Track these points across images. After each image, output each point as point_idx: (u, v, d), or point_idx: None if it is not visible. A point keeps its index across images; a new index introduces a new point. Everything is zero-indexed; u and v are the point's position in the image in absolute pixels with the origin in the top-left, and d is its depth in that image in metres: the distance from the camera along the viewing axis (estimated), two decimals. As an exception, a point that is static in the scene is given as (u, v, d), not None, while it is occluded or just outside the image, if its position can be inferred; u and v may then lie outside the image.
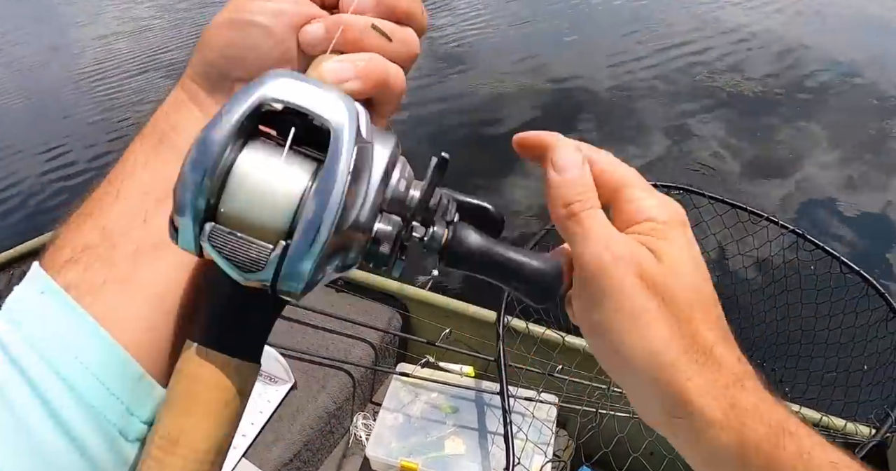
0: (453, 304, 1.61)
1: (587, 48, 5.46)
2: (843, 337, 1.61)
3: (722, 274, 2.01)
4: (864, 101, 4.63)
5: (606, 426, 1.30)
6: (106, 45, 6.87)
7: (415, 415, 1.49)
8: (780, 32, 5.80)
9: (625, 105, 4.56)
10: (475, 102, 4.55)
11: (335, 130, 0.24)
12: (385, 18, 0.31)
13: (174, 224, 0.25)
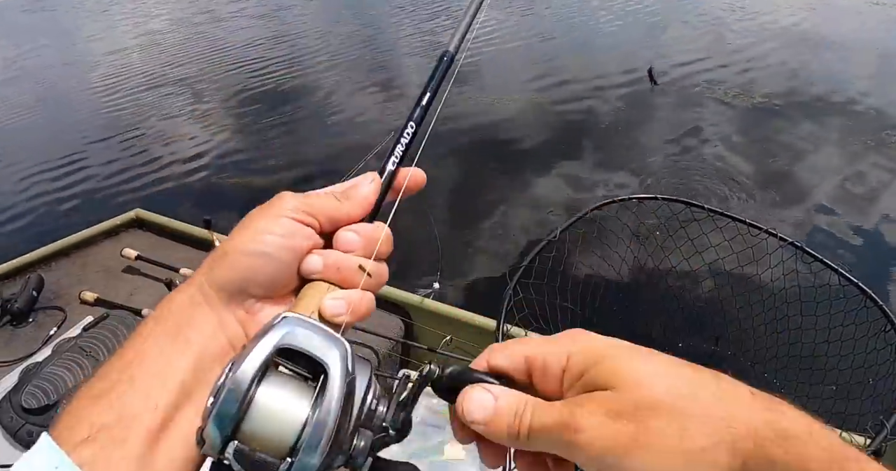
0: (454, 312, 1.64)
1: (595, 66, 5.52)
2: (842, 349, 1.63)
3: (721, 286, 2.03)
4: (863, 115, 4.67)
5: None
6: (118, 59, 6.99)
7: (415, 420, 1.51)
8: (782, 50, 5.85)
9: (628, 122, 4.60)
10: (485, 120, 4.61)
11: (331, 374, 0.32)
12: (367, 255, 0.39)
13: (202, 434, 0.32)
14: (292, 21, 7.87)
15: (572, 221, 1.76)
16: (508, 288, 1.54)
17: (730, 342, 2.17)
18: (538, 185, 3.80)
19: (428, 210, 3.17)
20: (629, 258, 1.90)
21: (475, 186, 3.77)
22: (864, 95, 4.93)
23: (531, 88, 5.12)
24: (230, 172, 4.20)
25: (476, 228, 3.41)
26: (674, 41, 6.18)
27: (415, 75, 5.50)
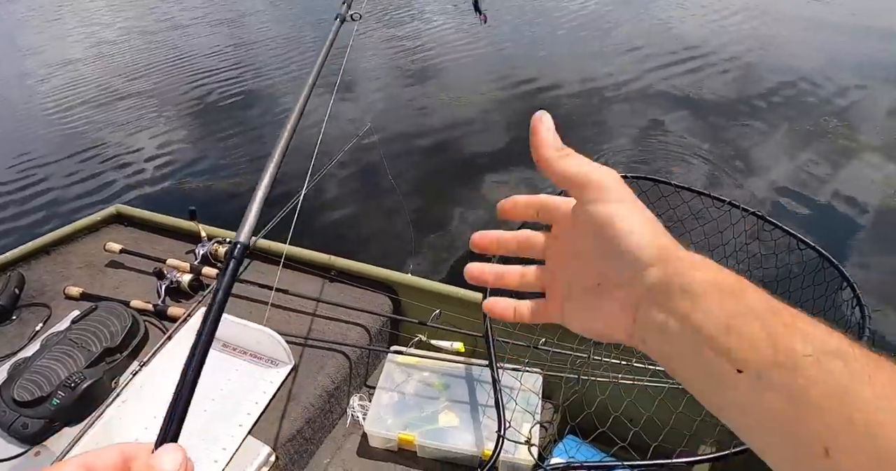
0: (441, 287, 1.70)
1: (559, 63, 5.67)
2: (803, 309, 1.74)
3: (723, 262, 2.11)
4: (810, 102, 4.97)
5: (589, 391, 1.40)
6: (70, 71, 6.80)
7: (409, 393, 1.57)
8: (737, 43, 6.13)
9: (597, 111, 4.78)
10: (447, 118, 4.71)
11: None
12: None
13: None
14: (255, 27, 7.84)
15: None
16: (492, 262, 1.61)
17: None
18: (507, 170, 3.93)
19: (399, 194, 3.27)
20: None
21: (443, 182, 3.87)
22: (803, 85, 5.25)
23: (493, 88, 5.23)
24: (195, 178, 4.19)
25: (450, 212, 3.52)
26: (626, 40, 6.39)
27: (373, 82, 5.55)
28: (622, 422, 1.32)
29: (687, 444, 1.25)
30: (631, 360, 1.46)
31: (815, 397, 0.27)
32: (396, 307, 1.77)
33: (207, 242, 1.85)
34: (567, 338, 1.52)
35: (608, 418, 1.31)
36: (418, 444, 1.46)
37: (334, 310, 1.71)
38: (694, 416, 1.37)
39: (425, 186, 3.80)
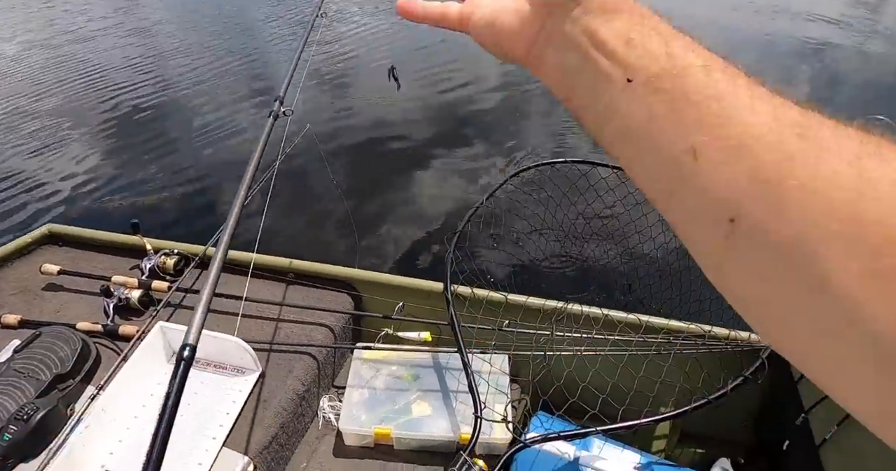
0: (401, 280, 1.72)
1: (473, 63, 5.77)
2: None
3: (629, 235, 2.22)
4: None
5: (555, 366, 1.45)
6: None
7: (379, 388, 1.58)
8: None
9: (519, 105, 4.91)
10: (372, 118, 4.71)
11: None
12: None
13: None
14: (167, 36, 7.53)
15: (497, 187, 1.90)
16: (449, 252, 1.64)
17: (639, 287, 2.42)
18: (441, 160, 3.99)
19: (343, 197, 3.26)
20: (549, 218, 2.06)
21: (376, 178, 3.89)
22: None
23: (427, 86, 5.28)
24: (124, 193, 4.01)
25: (391, 207, 3.55)
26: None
27: (308, 88, 5.47)
28: (590, 391, 1.39)
29: (650, 405, 1.32)
30: (591, 332, 1.53)
31: (694, 99, 0.28)
32: (359, 304, 1.77)
33: (154, 256, 1.79)
34: (530, 318, 1.57)
35: (576, 390, 1.37)
36: (395, 436, 1.47)
37: (297, 312, 1.69)
38: (654, 378, 1.45)
39: (366, 183, 3.80)
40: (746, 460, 1.61)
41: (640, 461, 1.42)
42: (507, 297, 1.61)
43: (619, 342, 1.51)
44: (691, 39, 0.31)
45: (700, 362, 1.50)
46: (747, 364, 1.40)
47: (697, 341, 1.55)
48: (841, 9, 8.02)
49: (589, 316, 1.61)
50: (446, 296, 1.52)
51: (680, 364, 1.49)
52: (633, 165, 0.32)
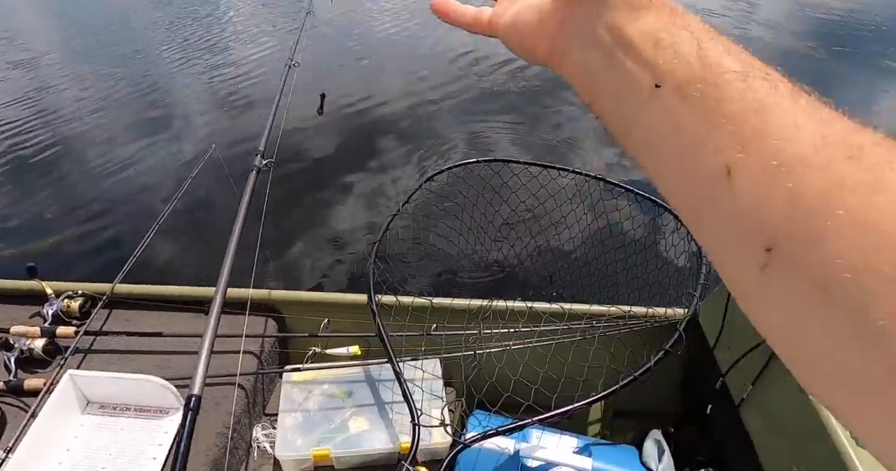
0: (324, 296, 1.69)
1: (381, 75, 5.78)
2: (649, 251, 1.96)
3: (545, 228, 2.28)
4: None
5: (486, 364, 1.47)
6: None
7: (313, 409, 1.54)
8: None
9: (424, 118, 4.95)
10: (288, 139, 4.61)
11: None
12: None
13: None
14: (55, 68, 7.09)
15: (412, 193, 1.90)
16: (370, 263, 1.63)
17: (560, 277, 2.49)
18: (355, 176, 3.96)
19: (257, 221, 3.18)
20: (467, 218, 2.08)
21: (304, 192, 3.82)
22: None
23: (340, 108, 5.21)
24: (14, 238, 3.74)
25: (305, 227, 3.49)
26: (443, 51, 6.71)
27: (179, 108, 5.29)
28: (522, 384, 1.41)
29: (581, 389, 1.36)
30: (518, 326, 1.55)
31: (729, 111, 0.25)
32: (284, 326, 1.72)
33: (56, 300, 1.68)
34: (457, 319, 1.58)
35: (509, 385, 1.39)
36: (334, 456, 1.45)
37: (218, 342, 1.62)
38: (582, 363, 1.49)
39: (281, 204, 3.70)
40: (676, 428, 1.68)
41: (578, 445, 1.45)
42: (433, 301, 1.61)
43: (545, 333, 1.55)
44: (728, 40, 0.28)
45: (623, 341, 1.56)
46: (667, 338, 1.46)
47: (619, 322, 1.61)
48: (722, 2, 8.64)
49: (514, 310, 1.64)
50: (371, 307, 1.51)
51: (605, 346, 1.54)
52: (660, 179, 0.29)
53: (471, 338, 1.52)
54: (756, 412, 1.32)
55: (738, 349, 1.38)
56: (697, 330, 1.57)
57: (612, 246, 2.25)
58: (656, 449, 1.45)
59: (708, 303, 1.56)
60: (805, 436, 1.15)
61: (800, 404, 1.18)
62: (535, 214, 2.16)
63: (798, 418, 1.18)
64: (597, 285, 2.02)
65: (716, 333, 1.49)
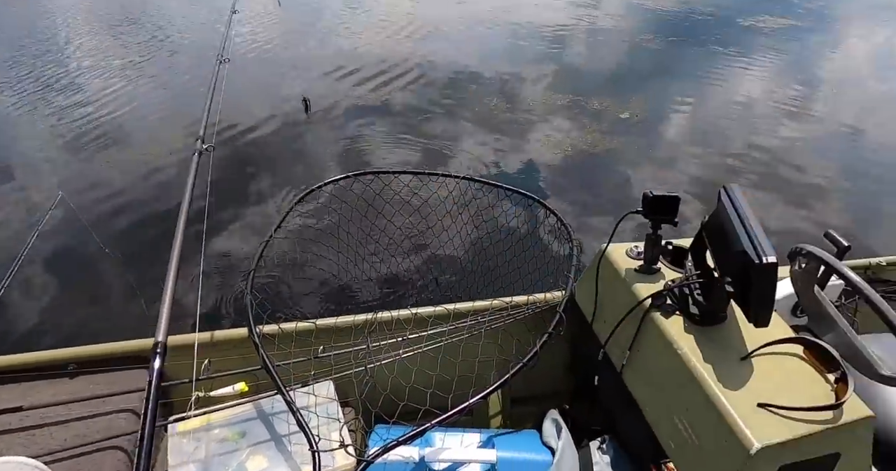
0: (202, 336, 1.60)
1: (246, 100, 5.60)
2: (526, 242, 2.04)
3: (422, 232, 2.30)
4: (484, 88, 5.85)
5: (379, 377, 1.46)
6: None
7: (206, 457, 1.46)
8: (412, 53, 6.86)
9: (301, 136, 4.87)
10: (140, 173, 4.33)
11: None
12: None
13: None
14: None
15: (283, 218, 1.86)
16: (247, 294, 1.57)
17: (446, 280, 2.55)
18: (239, 210, 3.80)
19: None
20: (344, 235, 2.07)
21: (155, 230, 3.59)
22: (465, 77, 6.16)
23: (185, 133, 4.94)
24: None
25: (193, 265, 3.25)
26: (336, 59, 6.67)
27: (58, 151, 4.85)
28: (418, 391, 1.42)
29: (475, 385, 1.39)
30: (406, 334, 1.56)
31: None
32: (162, 375, 1.61)
33: None
34: (344, 337, 1.56)
35: (405, 393, 1.39)
36: (236, 501, 1.37)
37: (91, 405, 1.50)
38: (473, 359, 1.53)
39: (146, 246, 3.44)
40: (571, 404, 1.76)
41: (481, 439, 1.48)
42: (317, 323, 1.58)
43: (433, 336, 1.56)
44: None
45: (509, 331, 1.61)
46: (549, 321, 1.53)
47: (503, 314, 1.66)
48: (569, 12, 9.26)
49: (401, 319, 1.65)
50: (253, 340, 1.46)
51: (493, 339, 1.59)
52: None
53: (360, 353, 1.51)
54: (635, 375, 1.41)
55: (612, 320, 1.47)
56: (576, 309, 1.65)
57: (490, 241, 2.32)
58: (554, 428, 1.51)
59: (582, 282, 1.65)
60: (679, 386, 1.24)
61: (669, 357, 1.28)
62: (412, 221, 2.19)
63: (670, 371, 1.27)
64: (480, 282, 2.08)
65: (591, 309, 1.58)
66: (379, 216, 2.12)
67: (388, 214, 2.13)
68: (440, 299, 1.89)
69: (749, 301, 1.18)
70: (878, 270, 2.20)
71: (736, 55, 7.60)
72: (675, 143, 5.07)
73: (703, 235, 1.39)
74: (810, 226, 3.96)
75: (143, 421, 1.51)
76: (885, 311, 1.16)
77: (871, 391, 1.39)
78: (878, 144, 5.43)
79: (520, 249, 2.04)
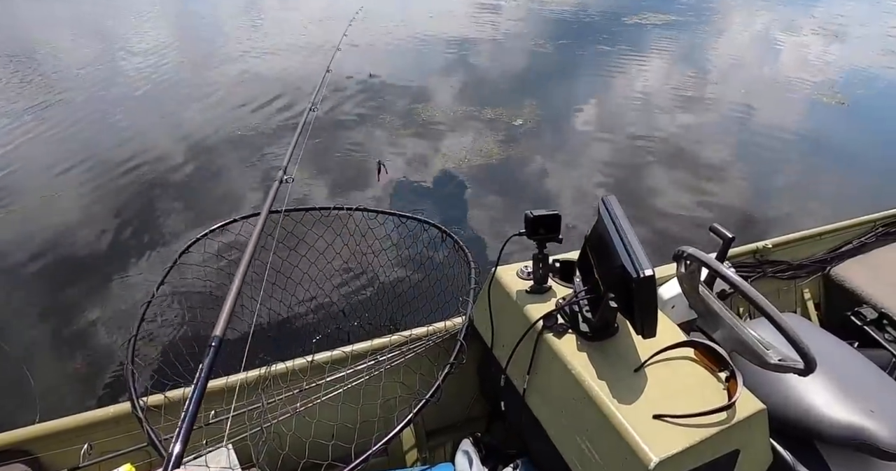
0: (81, 418, 1.48)
1: (149, 130, 5.31)
2: (425, 268, 2.02)
3: (323, 269, 2.21)
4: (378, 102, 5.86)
5: (279, 433, 1.40)
6: None
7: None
8: (312, 74, 6.72)
9: (210, 167, 4.64)
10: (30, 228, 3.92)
11: None
12: None
13: None
14: None
15: (166, 273, 1.78)
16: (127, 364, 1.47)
17: (344, 320, 2.46)
18: (125, 265, 3.49)
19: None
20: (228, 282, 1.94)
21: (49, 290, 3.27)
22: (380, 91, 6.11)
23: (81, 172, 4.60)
24: None
25: (72, 326, 2.96)
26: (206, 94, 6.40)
27: None
28: (319, 444, 1.36)
29: (381, 427, 1.34)
30: (301, 384, 1.50)
31: None
32: (38, 467, 1.47)
33: None
34: (233, 398, 1.48)
35: (305, 448, 1.33)
36: None
37: None
38: (376, 401, 1.48)
39: (28, 309, 3.10)
40: (486, 430, 1.75)
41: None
42: (195, 388, 1.49)
43: (331, 382, 1.51)
44: None
45: (411, 366, 1.58)
46: (451, 351, 1.51)
47: (403, 349, 1.63)
48: (461, 22, 9.41)
49: (296, 369, 1.58)
50: (136, 415, 1.35)
51: (395, 377, 1.55)
52: None
53: (255, 413, 1.43)
54: (537, 397, 1.41)
55: (509, 344, 1.47)
56: (477, 333, 1.64)
57: (389, 273, 2.29)
58: (466, 460, 1.49)
59: (477, 308, 1.65)
60: (577, 406, 1.25)
61: (565, 377, 1.28)
62: (308, 259, 2.11)
63: (567, 391, 1.28)
64: (381, 316, 2.05)
65: (489, 334, 1.57)
66: (271, 259, 2.03)
67: (279, 256, 2.04)
68: (341, 341, 1.84)
69: (633, 313, 1.21)
70: (765, 253, 2.34)
71: (626, 52, 7.98)
72: (570, 145, 5.21)
73: (587, 249, 1.42)
74: (708, 212, 4.17)
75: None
76: (760, 302, 1.21)
77: (766, 378, 1.46)
78: (764, 124, 5.82)
79: (420, 278, 2.03)
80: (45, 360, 2.69)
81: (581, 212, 4.01)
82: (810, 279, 2.44)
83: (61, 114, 5.61)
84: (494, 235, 3.72)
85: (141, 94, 6.19)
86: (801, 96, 6.70)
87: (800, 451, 1.45)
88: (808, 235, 2.43)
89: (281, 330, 2.31)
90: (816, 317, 2.43)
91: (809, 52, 8.62)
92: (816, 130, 5.74)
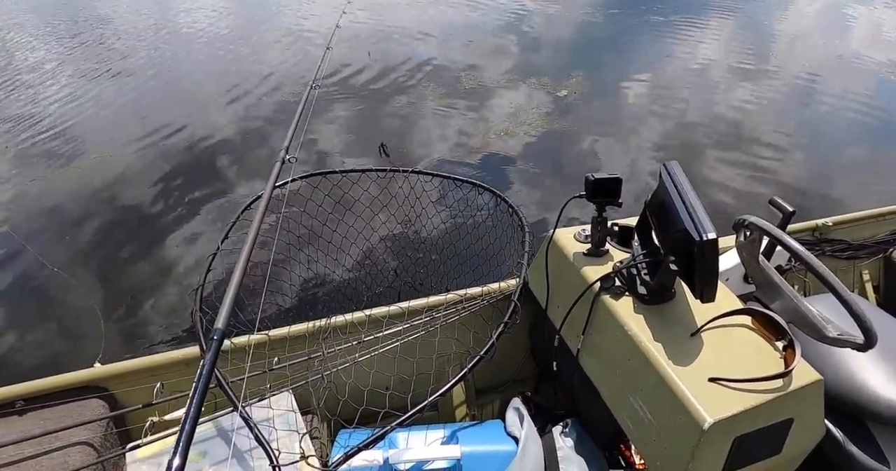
0: (151, 359, 1.57)
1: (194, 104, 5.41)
2: (479, 231, 2.04)
3: (378, 228, 2.27)
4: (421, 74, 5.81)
5: (337, 382, 1.45)
6: None
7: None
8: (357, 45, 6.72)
9: (242, 140, 4.71)
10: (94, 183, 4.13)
11: None
12: None
13: None
14: None
15: (229, 228, 1.82)
16: (195, 310, 1.54)
17: (400, 278, 2.51)
18: (179, 221, 3.66)
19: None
20: (293, 238, 2.02)
21: (113, 243, 3.47)
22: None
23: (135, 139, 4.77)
24: None
25: (134, 275, 3.18)
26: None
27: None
28: (377, 393, 1.41)
29: (434, 381, 1.38)
30: (360, 336, 1.55)
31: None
32: (115, 403, 1.57)
33: None
34: (297, 346, 1.54)
35: (363, 397, 1.38)
36: (202, 523, 1.35)
37: (40, 442, 1.45)
38: (430, 355, 1.52)
39: (95, 260, 3.31)
40: (534, 391, 1.77)
41: (446, 434, 1.48)
42: (269, 334, 1.56)
43: (388, 336, 1.55)
44: None
45: (465, 324, 1.61)
46: (505, 311, 1.53)
47: (458, 307, 1.66)
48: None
49: (355, 322, 1.63)
50: (204, 361, 1.42)
51: (449, 333, 1.58)
52: None
53: (316, 361, 1.49)
54: (591, 358, 1.42)
55: (564, 306, 1.48)
56: (531, 296, 1.65)
57: (443, 235, 2.32)
58: (517, 417, 1.52)
59: (533, 270, 1.66)
60: (632, 367, 1.26)
61: (621, 339, 1.29)
62: (363, 220, 2.15)
63: (622, 352, 1.29)
64: (435, 276, 2.07)
65: (544, 295, 1.59)
66: (329, 219, 2.08)
67: (337, 216, 2.10)
68: (395, 298, 1.88)
69: (694, 278, 1.20)
70: (824, 231, 2.26)
71: (681, 23, 7.68)
72: (622, 116, 5.09)
73: (646, 214, 1.41)
74: (764, 187, 4.04)
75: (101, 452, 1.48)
76: (824, 274, 1.19)
77: (821, 352, 1.43)
78: (828, 101, 5.56)
79: (474, 240, 2.03)
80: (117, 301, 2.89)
81: (630, 185, 3.94)
82: (870, 261, 2.35)
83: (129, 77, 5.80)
84: (538, 204, 3.71)
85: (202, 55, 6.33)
86: (869, 72, 6.36)
87: (851, 428, 1.43)
88: (870, 216, 2.34)
89: (341, 285, 2.39)
90: (875, 300, 2.36)
91: (882, 27, 8.13)
92: (884, 108, 5.45)
